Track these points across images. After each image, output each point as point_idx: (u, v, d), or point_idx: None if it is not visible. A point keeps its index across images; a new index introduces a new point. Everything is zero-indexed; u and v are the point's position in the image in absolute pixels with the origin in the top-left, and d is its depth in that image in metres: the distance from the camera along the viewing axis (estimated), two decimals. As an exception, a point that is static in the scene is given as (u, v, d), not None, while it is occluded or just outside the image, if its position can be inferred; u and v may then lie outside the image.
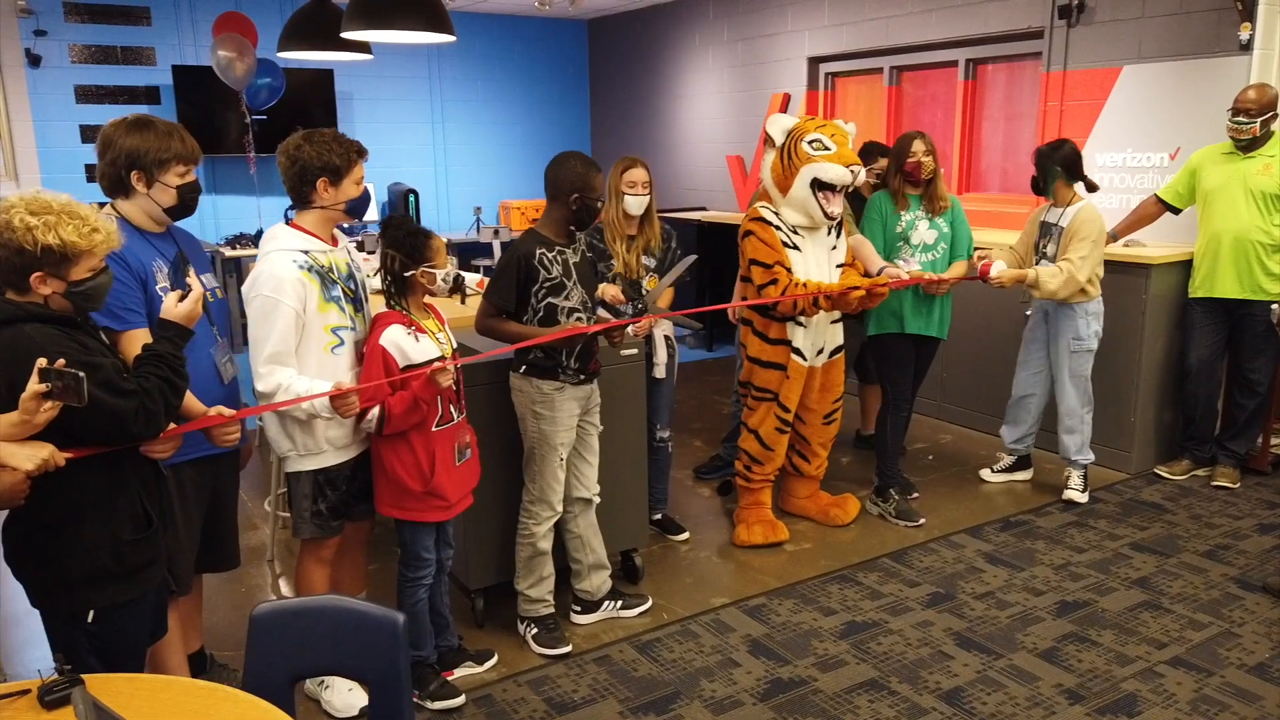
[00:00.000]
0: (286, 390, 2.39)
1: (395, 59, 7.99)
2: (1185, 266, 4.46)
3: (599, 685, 2.88)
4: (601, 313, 3.52)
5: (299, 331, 2.45)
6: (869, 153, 4.40)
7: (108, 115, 6.99)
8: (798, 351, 3.72)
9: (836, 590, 3.47)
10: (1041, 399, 4.28)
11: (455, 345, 2.76)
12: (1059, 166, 3.98)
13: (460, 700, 2.78)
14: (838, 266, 3.74)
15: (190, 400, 2.14)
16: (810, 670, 2.94)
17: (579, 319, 2.96)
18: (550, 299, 2.91)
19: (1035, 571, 3.59)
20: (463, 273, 4.21)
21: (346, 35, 4.03)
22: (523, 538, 3.08)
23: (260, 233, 6.99)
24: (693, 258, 3.49)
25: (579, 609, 3.25)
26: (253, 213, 7.46)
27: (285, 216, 2.61)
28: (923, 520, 4.03)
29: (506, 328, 2.92)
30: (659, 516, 3.98)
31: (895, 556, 3.74)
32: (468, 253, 8.04)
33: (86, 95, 6.98)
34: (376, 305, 2.73)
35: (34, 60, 6.70)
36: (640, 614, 3.30)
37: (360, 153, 2.59)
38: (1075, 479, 4.24)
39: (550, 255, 2.92)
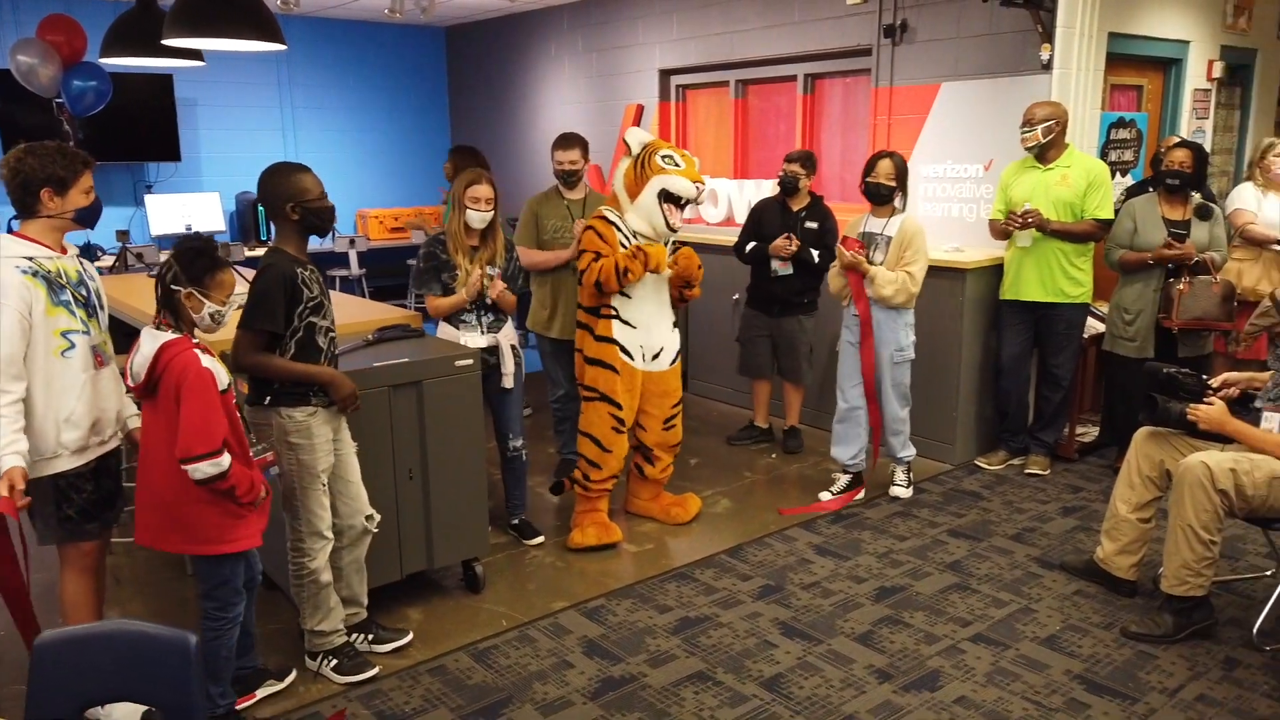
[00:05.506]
0: None
1: (240, 65, 7.74)
2: (997, 270, 4.80)
3: (431, 695, 2.90)
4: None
5: (25, 334, 2.50)
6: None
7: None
8: (626, 351, 3.83)
9: (674, 588, 3.59)
10: (866, 410, 4.39)
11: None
12: (907, 177, 4.25)
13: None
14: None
15: None
16: (641, 667, 3.04)
17: (333, 338, 2.90)
18: (311, 318, 2.80)
19: (860, 560, 3.80)
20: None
21: (169, 43, 3.91)
22: (301, 577, 2.91)
23: (88, 244, 6.69)
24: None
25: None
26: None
27: (8, 226, 2.61)
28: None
29: (286, 367, 2.75)
30: (516, 522, 4.04)
31: (732, 553, 3.89)
32: (324, 263, 7.86)
33: (-103, 99, 6.50)
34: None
35: None
36: (392, 650, 3.13)
37: (86, 163, 2.65)
38: (900, 475, 4.47)
39: (307, 274, 2.80)
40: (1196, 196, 4.46)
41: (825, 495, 4.43)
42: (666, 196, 3.74)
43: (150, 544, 2.62)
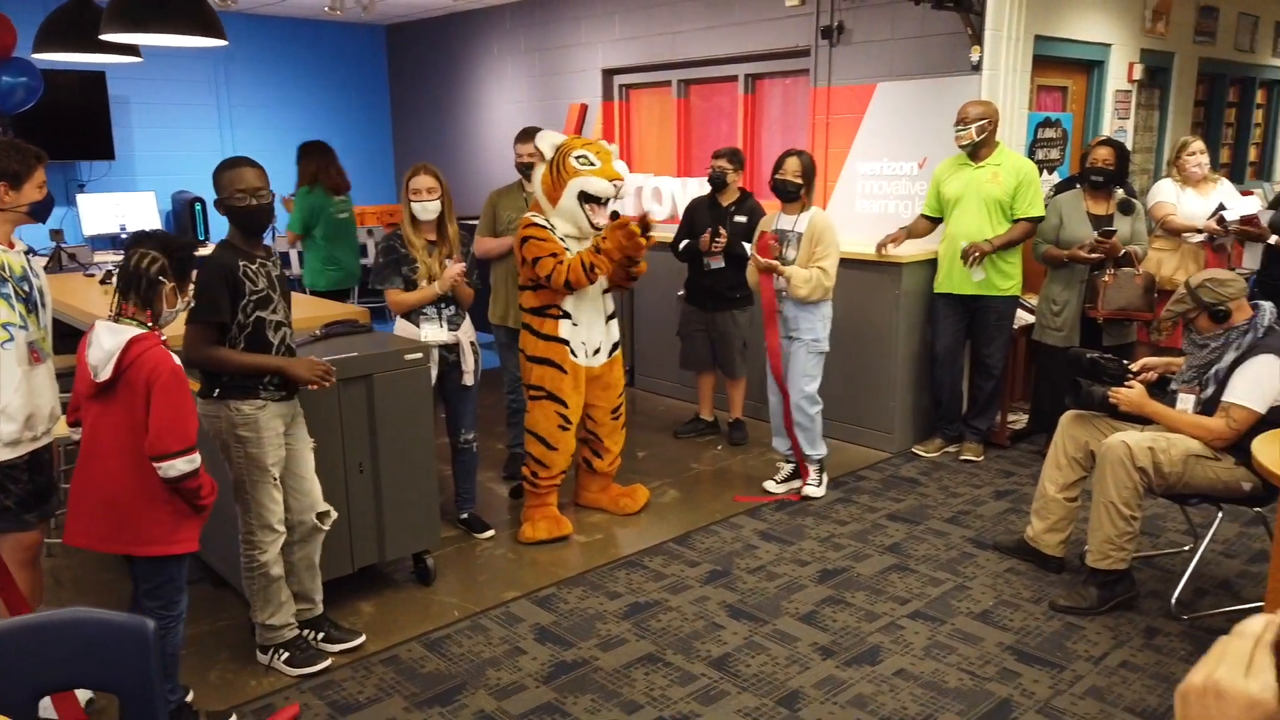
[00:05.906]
0: None
1: (176, 61, 7.61)
2: (932, 265, 4.96)
3: (385, 684, 2.93)
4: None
5: None
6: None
7: None
8: (573, 350, 3.89)
9: (624, 575, 3.66)
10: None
11: None
12: (814, 175, 4.35)
13: None
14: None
15: None
16: (593, 651, 3.10)
17: (286, 333, 2.92)
18: (259, 313, 2.81)
19: (803, 545, 3.91)
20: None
21: (106, 38, 3.87)
22: (252, 570, 2.91)
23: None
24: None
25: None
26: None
27: None
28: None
29: (237, 358, 2.77)
30: (466, 515, 4.07)
31: (680, 540, 3.97)
32: (265, 263, 7.76)
33: None
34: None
35: None
36: (343, 650, 3.11)
37: (39, 158, 2.71)
38: (812, 474, 4.43)
39: (253, 268, 2.80)
40: (1119, 192, 4.67)
41: (770, 484, 4.53)
42: (586, 198, 3.78)
43: (88, 545, 2.58)
